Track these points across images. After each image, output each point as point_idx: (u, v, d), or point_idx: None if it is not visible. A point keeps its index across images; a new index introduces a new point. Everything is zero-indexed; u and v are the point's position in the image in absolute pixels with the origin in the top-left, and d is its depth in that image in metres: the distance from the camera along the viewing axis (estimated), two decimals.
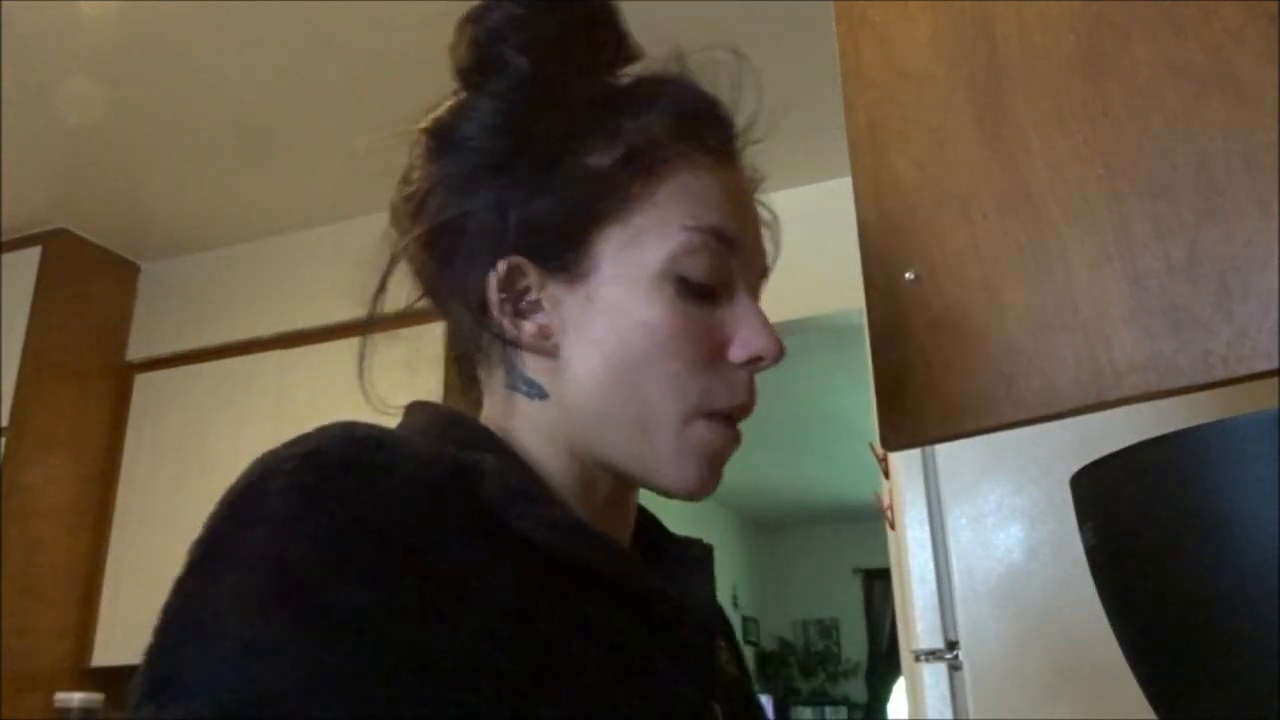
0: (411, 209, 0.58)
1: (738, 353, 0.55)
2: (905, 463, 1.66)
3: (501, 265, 0.55)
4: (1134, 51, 0.65)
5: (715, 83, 0.61)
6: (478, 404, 0.60)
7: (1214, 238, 0.60)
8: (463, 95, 0.57)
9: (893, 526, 1.77)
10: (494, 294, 0.55)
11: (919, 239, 0.71)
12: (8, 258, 3.02)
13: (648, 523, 0.65)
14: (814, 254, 2.74)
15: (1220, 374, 0.58)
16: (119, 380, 3.17)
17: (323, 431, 0.45)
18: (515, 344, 0.56)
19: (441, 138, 0.57)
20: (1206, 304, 0.59)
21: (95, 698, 2.78)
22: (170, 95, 2.47)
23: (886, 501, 1.89)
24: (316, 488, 0.42)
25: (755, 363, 0.56)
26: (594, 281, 0.54)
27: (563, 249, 0.54)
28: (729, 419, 0.56)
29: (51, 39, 2.26)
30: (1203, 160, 0.61)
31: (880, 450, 1.72)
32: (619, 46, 0.60)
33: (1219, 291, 0.59)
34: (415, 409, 0.58)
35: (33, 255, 3.00)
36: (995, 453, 1.54)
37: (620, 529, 0.60)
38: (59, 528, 2.91)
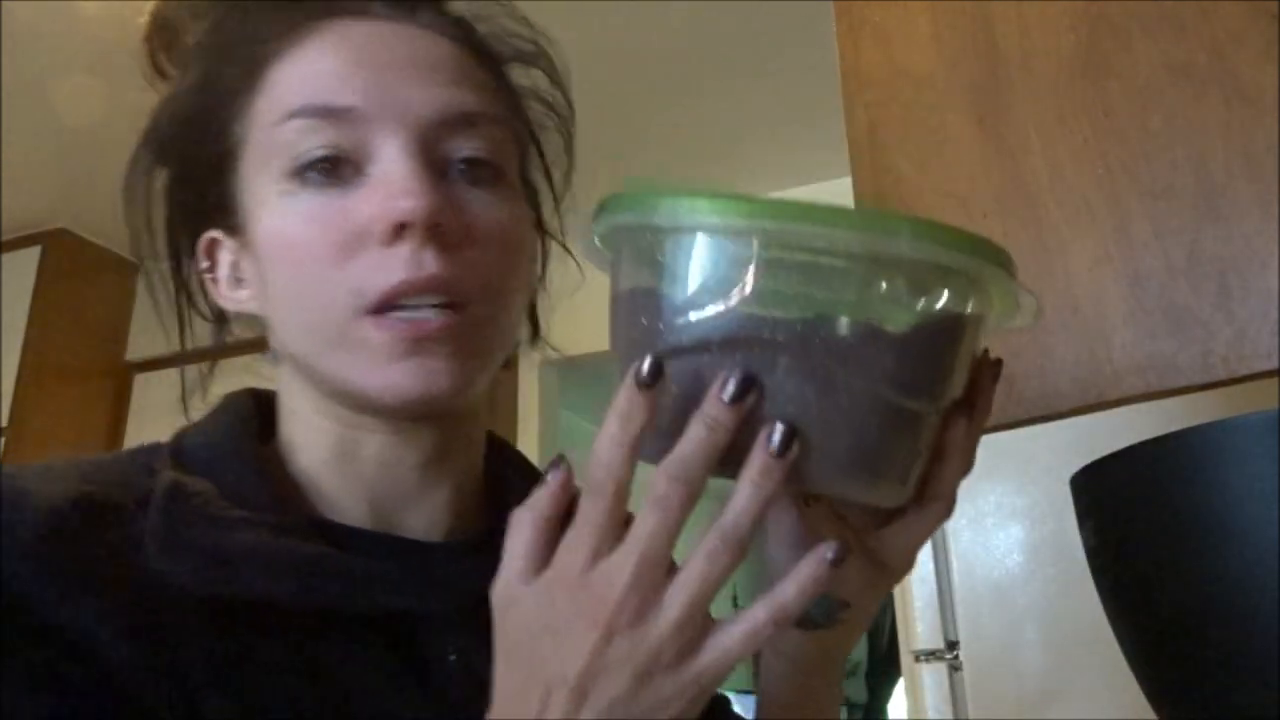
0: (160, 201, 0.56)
1: (373, 231, 0.45)
2: None
3: (200, 242, 0.52)
4: (1134, 51, 0.65)
5: None
6: None
7: (1214, 238, 0.60)
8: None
9: None
10: (205, 273, 0.52)
11: None
12: (8, 258, 3.02)
13: (516, 489, 0.55)
14: None
15: (1220, 374, 0.58)
16: (119, 380, 3.17)
17: None
18: (237, 315, 0.53)
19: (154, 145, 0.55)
20: (1206, 304, 0.59)
21: None
22: None
23: None
24: None
25: (399, 231, 0.45)
26: (251, 223, 0.49)
27: (225, 205, 0.50)
28: (407, 308, 0.45)
29: (51, 39, 2.26)
30: (1203, 160, 0.61)
31: None
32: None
33: (1219, 291, 0.59)
34: (222, 401, 0.54)
35: (33, 255, 3.00)
36: (995, 453, 1.53)
37: (417, 493, 0.51)
38: None
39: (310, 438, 0.51)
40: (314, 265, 0.46)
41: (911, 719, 1.66)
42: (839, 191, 0.64)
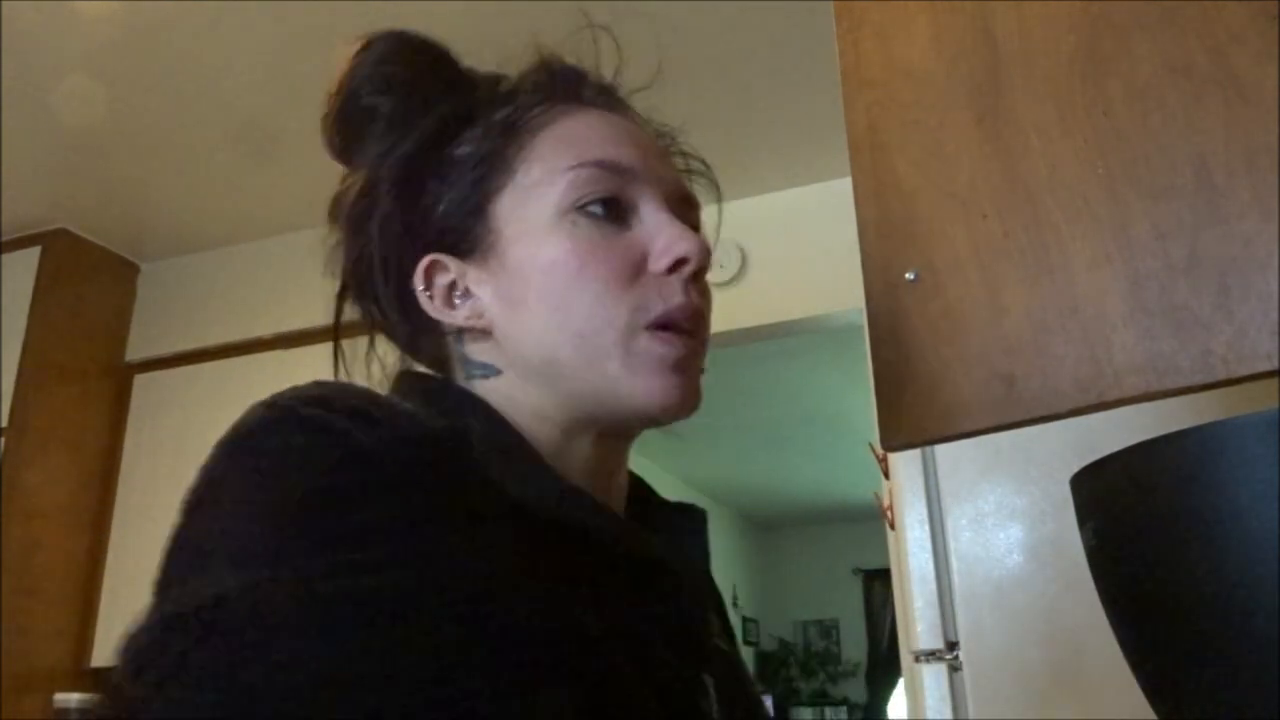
0: (330, 267, 0.63)
1: (658, 261, 0.56)
2: (905, 463, 1.66)
3: (421, 265, 0.58)
4: (1134, 51, 0.65)
5: (580, 55, 0.65)
6: None
7: (1214, 238, 0.60)
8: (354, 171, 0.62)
9: (893, 526, 1.77)
10: (421, 293, 0.58)
11: (919, 239, 0.71)
12: (8, 258, 3.01)
13: (639, 489, 0.65)
14: (814, 254, 2.74)
15: (1220, 374, 0.58)
16: (119, 380, 3.16)
17: (318, 384, 0.48)
18: (455, 332, 0.59)
19: (339, 200, 0.62)
20: (1206, 304, 0.59)
21: (95, 698, 2.77)
22: (170, 95, 2.47)
23: (886, 501, 1.89)
24: (326, 421, 0.44)
25: (680, 265, 0.56)
26: (504, 249, 0.57)
27: (468, 232, 0.58)
28: (675, 328, 0.56)
29: (51, 39, 2.26)
30: (1203, 160, 0.61)
31: (880, 450, 1.72)
32: (452, 72, 0.63)
33: (1219, 291, 0.59)
34: (405, 378, 0.60)
35: (33, 255, 3.00)
36: (995, 453, 1.54)
37: (609, 495, 0.60)
38: (59, 528, 2.91)
39: (530, 434, 0.56)
40: (601, 284, 0.54)
41: (911, 719, 1.67)
42: (839, 191, 0.64)
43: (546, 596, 0.46)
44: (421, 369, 0.62)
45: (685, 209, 0.61)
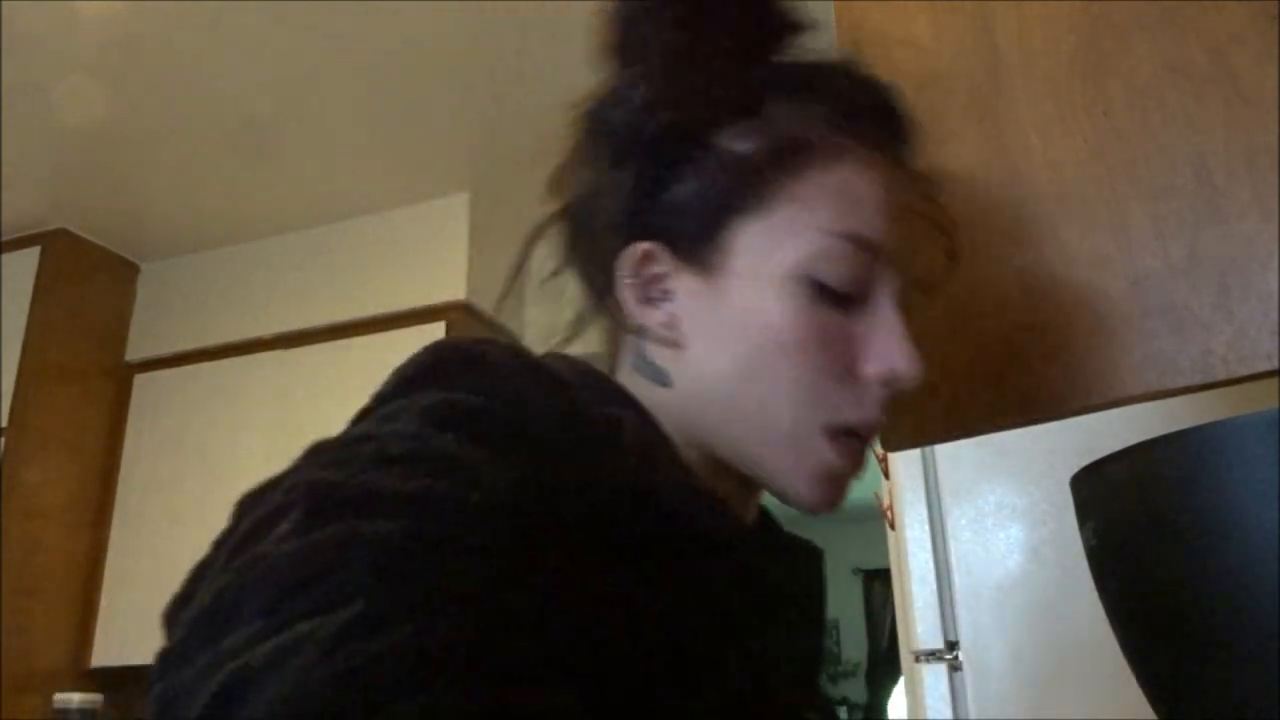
0: (555, 184, 0.57)
1: (871, 367, 0.52)
2: (905, 463, 1.66)
3: (636, 248, 0.54)
4: (1134, 51, 0.65)
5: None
6: None
7: (1214, 238, 0.60)
8: (613, 78, 0.56)
9: (893, 526, 1.77)
10: (625, 276, 0.54)
11: None
12: (8, 258, 3.02)
13: (763, 517, 0.62)
14: None
15: (1220, 374, 0.58)
16: (119, 380, 3.16)
17: (481, 340, 0.45)
18: (639, 331, 0.55)
19: (592, 118, 0.56)
20: (1206, 304, 0.59)
21: (94, 698, 2.77)
22: (170, 95, 2.47)
23: (886, 501, 1.89)
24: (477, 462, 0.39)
25: (890, 381, 0.52)
26: (727, 276, 0.52)
27: (698, 238, 0.53)
28: (855, 436, 0.52)
29: (51, 39, 2.26)
30: (1203, 160, 0.61)
31: (880, 450, 1.72)
32: (780, 25, 0.56)
33: (1219, 291, 0.59)
34: (551, 360, 0.55)
35: (33, 255, 3.00)
36: (995, 453, 1.54)
37: (742, 514, 0.57)
38: (59, 527, 2.91)
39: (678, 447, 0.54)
40: (807, 371, 0.51)
41: (911, 719, 1.66)
42: None
43: (661, 589, 0.44)
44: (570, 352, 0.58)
45: (918, 292, 0.57)
